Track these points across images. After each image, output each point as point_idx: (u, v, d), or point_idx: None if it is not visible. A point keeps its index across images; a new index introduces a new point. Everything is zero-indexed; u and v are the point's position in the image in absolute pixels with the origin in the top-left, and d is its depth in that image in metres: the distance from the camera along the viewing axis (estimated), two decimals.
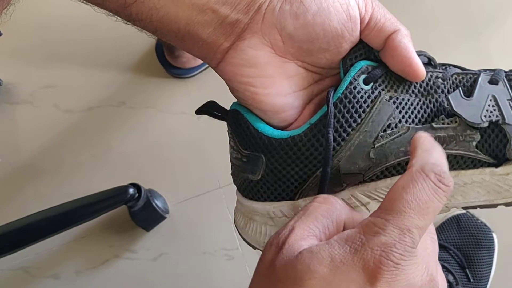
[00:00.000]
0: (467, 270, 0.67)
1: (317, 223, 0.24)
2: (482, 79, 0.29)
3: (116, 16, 0.27)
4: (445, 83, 0.29)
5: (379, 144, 0.28)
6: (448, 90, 0.29)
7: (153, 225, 0.79)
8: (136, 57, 0.89)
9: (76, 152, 0.86)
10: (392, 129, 0.28)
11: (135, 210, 0.76)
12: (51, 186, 0.85)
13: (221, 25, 0.27)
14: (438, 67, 0.30)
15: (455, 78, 0.29)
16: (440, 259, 0.67)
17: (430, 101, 0.29)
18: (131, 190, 0.73)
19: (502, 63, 0.75)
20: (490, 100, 0.29)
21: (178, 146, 0.84)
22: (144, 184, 0.77)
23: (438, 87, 0.29)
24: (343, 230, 0.25)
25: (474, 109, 0.28)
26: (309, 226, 0.24)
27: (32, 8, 0.92)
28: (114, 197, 0.74)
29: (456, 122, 0.28)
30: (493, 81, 0.29)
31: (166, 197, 0.81)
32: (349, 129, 0.27)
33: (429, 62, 0.30)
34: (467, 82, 0.29)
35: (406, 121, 0.28)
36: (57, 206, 0.72)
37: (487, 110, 0.28)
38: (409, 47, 0.27)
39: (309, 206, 0.25)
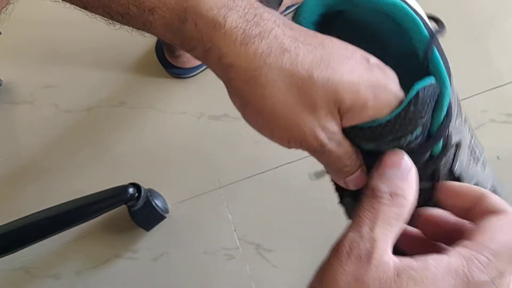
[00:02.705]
0: None
1: (392, 229, 0.24)
2: None
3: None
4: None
5: None
6: None
7: (153, 224, 0.79)
8: (136, 57, 0.89)
9: (76, 152, 0.86)
10: None
11: (135, 209, 0.76)
12: (51, 186, 0.85)
13: (206, 59, 0.27)
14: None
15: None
16: None
17: None
18: (130, 190, 0.73)
19: (502, 63, 0.75)
20: None
21: (178, 146, 0.84)
22: (144, 184, 0.77)
23: None
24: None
25: None
26: (387, 235, 0.24)
27: (32, 8, 0.92)
28: (114, 197, 0.74)
29: None
30: None
31: (166, 197, 0.81)
32: None
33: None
34: None
35: None
36: (57, 206, 0.72)
37: None
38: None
39: (378, 209, 0.25)
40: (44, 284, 0.82)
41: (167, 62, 0.86)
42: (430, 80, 0.28)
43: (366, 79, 0.27)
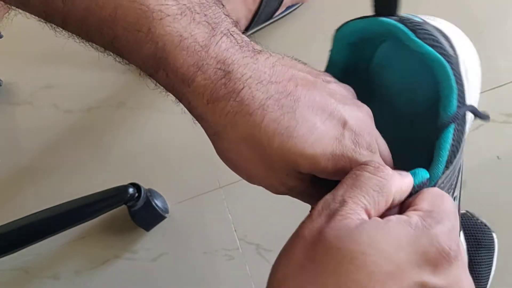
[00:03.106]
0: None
1: (369, 197, 0.24)
2: None
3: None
4: None
5: None
6: None
7: (153, 225, 0.79)
8: None
9: (76, 152, 0.86)
10: None
11: (135, 210, 0.76)
12: (51, 186, 0.85)
13: None
14: None
15: None
16: None
17: None
18: (130, 190, 0.73)
19: (502, 63, 0.75)
20: None
21: (178, 146, 0.84)
22: (144, 184, 0.77)
23: None
24: (392, 202, 0.25)
25: None
26: (360, 200, 0.24)
27: None
28: (114, 197, 0.74)
29: None
30: None
31: (166, 197, 0.81)
32: None
33: None
34: None
35: None
36: (57, 206, 0.72)
37: None
38: None
39: (359, 175, 0.25)
40: (44, 285, 0.82)
41: None
42: (422, 176, 0.27)
43: (330, 151, 0.27)
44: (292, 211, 0.79)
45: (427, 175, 0.27)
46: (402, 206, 0.27)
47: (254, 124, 0.26)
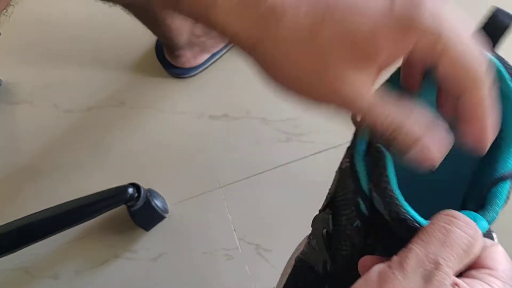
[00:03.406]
0: None
1: (458, 258, 0.24)
2: None
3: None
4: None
5: None
6: None
7: (153, 225, 0.79)
8: (136, 57, 0.89)
9: (76, 152, 0.86)
10: None
11: (135, 209, 0.76)
12: (51, 186, 0.85)
13: None
14: None
15: None
16: None
17: None
18: (130, 190, 0.73)
19: None
20: None
21: (178, 146, 0.84)
22: (144, 184, 0.77)
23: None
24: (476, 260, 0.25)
25: None
26: (452, 262, 0.23)
27: (31, 7, 0.92)
28: (114, 197, 0.74)
29: None
30: None
31: (166, 197, 0.81)
32: None
33: None
34: None
35: None
36: (57, 206, 0.72)
37: None
38: None
39: (450, 232, 0.24)
40: (43, 284, 0.82)
41: (167, 62, 0.86)
42: (484, 228, 0.26)
43: (387, 22, 0.24)
44: (292, 211, 0.79)
45: (488, 227, 0.27)
46: None
47: (292, 20, 0.23)
